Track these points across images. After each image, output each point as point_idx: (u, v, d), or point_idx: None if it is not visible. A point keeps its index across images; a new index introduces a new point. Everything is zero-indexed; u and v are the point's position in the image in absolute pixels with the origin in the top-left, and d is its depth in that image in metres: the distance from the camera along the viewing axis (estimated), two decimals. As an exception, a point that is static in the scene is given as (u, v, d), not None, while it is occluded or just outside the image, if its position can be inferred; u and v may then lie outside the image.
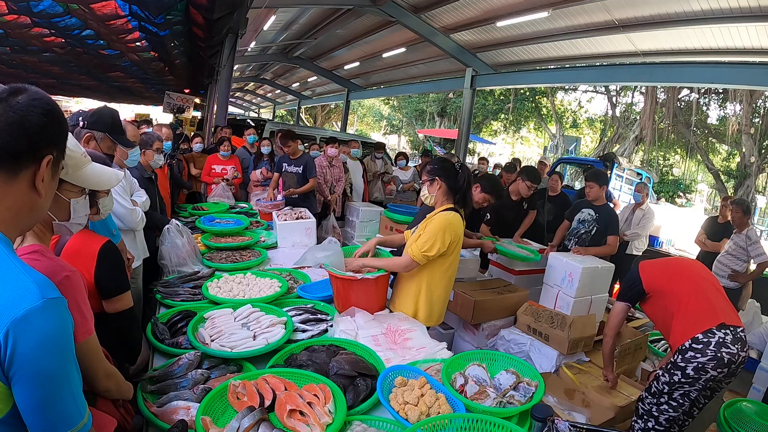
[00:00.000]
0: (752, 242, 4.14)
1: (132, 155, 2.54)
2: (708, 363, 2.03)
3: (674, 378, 2.11)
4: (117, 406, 1.23)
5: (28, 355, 0.67)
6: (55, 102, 0.82)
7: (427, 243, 2.09)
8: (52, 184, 0.84)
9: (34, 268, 0.74)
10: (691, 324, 2.13)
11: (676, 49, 7.66)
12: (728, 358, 2.03)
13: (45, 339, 0.68)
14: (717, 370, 2.03)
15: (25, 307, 0.67)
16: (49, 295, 0.70)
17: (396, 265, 2.21)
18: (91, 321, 1.11)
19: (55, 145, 0.81)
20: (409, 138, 28.48)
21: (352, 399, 1.41)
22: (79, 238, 1.43)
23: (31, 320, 0.67)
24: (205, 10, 3.94)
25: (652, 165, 17.62)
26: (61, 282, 1.03)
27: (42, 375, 0.69)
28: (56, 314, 0.71)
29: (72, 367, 0.75)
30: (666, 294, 2.30)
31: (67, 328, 0.73)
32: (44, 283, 0.72)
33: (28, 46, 5.33)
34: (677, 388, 2.12)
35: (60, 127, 0.81)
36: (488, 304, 3.07)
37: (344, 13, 10.23)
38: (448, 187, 2.25)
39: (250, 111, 34.95)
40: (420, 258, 2.11)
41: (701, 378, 2.06)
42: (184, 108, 9.87)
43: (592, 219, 3.69)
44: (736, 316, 2.20)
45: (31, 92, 0.78)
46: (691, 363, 2.06)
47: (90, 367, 1.10)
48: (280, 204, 4.02)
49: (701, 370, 2.04)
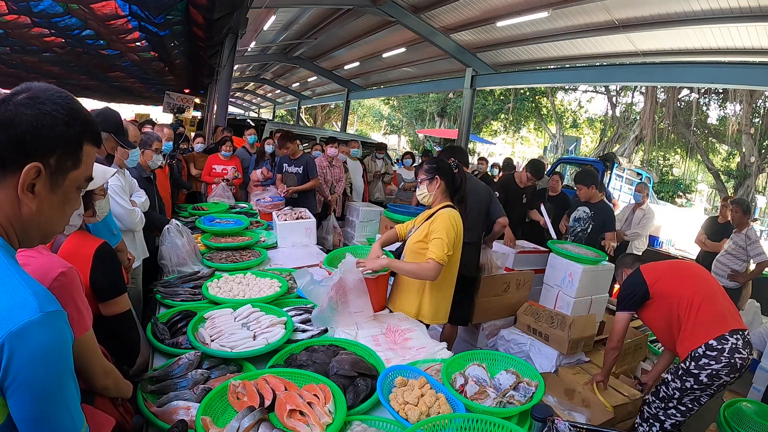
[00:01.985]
0: (752, 242, 4.14)
1: (132, 155, 2.55)
2: (722, 370, 2.03)
3: (686, 384, 2.10)
4: (116, 406, 1.23)
5: (23, 368, 0.65)
6: (68, 104, 0.74)
7: (445, 245, 2.08)
8: (51, 200, 0.75)
9: (34, 278, 0.72)
10: (703, 329, 2.11)
11: (676, 49, 7.66)
12: (740, 363, 2.04)
13: (41, 353, 0.66)
14: (730, 376, 2.04)
15: (21, 321, 0.65)
16: (47, 309, 0.68)
17: (423, 273, 2.11)
18: (88, 318, 1.10)
19: (49, 153, 0.72)
20: (409, 138, 28.47)
21: (352, 399, 1.41)
22: (75, 240, 1.42)
23: (27, 334, 0.65)
24: (205, 10, 3.94)
25: (652, 165, 17.61)
26: (57, 278, 1.03)
27: (37, 389, 0.67)
28: (54, 328, 0.69)
29: (69, 381, 0.73)
30: (674, 298, 2.23)
31: (65, 342, 0.71)
32: (43, 296, 0.69)
33: (28, 46, 5.33)
34: (688, 394, 2.11)
35: (57, 132, 0.72)
36: (488, 304, 3.07)
37: (344, 13, 10.23)
38: (446, 185, 2.26)
39: (250, 111, 34.95)
40: (445, 260, 2.08)
41: (714, 384, 2.06)
42: (184, 108, 9.87)
43: (587, 216, 3.77)
44: (741, 320, 2.20)
45: (33, 91, 0.73)
46: (705, 370, 2.05)
47: (87, 364, 1.09)
48: (280, 204, 4.02)
49: (715, 377, 2.04)
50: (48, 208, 0.75)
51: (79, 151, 0.76)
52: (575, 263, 3.11)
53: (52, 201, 0.76)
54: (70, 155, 0.75)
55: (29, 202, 0.73)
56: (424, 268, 2.10)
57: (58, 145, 0.73)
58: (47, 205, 0.75)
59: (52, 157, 0.73)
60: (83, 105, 0.79)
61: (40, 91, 0.73)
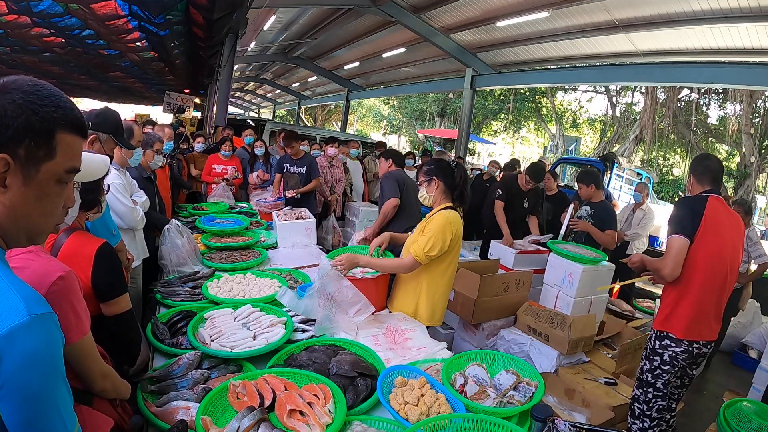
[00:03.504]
0: (753, 243, 4.14)
1: (136, 155, 2.58)
2: (681, 354, 2.22)
3: (654, 364, 2.28)
4: (114, 406, 1.23)
5: (12, 373, 0.64)
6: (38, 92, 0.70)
7: (429, 243, 2.09)
8: (25, 194, 0.71)
9: (23, 281, 0.70)
10: (683, 323, 2.20)
11: (676, 49, 7.66)
12: (696, 353, 2.23)
13: (30, 357, 0.65)
14: (687, 361, 2.24)
15: (9, 324, 0.64)
16: (35, 312, 0.66)
17: (399, 267, 2.20)
18: (86, 321, 1.10)
19: (16, 143, 0.68)
20: (409, 138, 28.48)
21: (352, 399, 1.41)
22: (76, 240, 1.42)
23: (15, 338, 0.64)
24: (205, 10, 3.94)
25: (652, 165, 17.62)
26: (56, 282, 1.02)
27: (27, 393, 0.66)
28: (43, 331, 0.67)
29: (60, 384, 0.71)
30: (696, 262, 2.16)
31: (54, 345, 0.70)
32: (32, 298, 0.68)
33: (28, 46, 5.33)
34: (658, 376, 2.27)
35: (23, 121, 0.67)
36: (488, 304, 3.08)
37: (344, 13, 10.23)
38: (445, 185, 2.25)
39: (250, 111, 34.95)
40: (423, 258, 2.11)
41: (676, 366, 2.25)
42: (184, 108, 9.86)
43: (587, 215, 3.85)
44: (717, 329, 2.27)
45: (4, 83, 0.69)
46: (667, 350, 2.24)
47: (85, 368, 1.09)
48: (280, 204, 4.02)
49: (674, 359, 2.23)
50: (22, 202, 0.71)
51: (51, 140, 0.71)
52: (575, 263, 3.11)
53: (27, 195, 0.71)
54: (41, 145, 0.70)
55: (1, 197, 0.69)
56: (398, 263, 2.19)
57: (25, 135, 0.68)
58: (21, 199, 0.71)
59: (20, 147, 0.68)
60: (63, 94, 0.74)
61: (10, 81, 0.69)
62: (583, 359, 2.98)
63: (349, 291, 1.97)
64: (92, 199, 1.52)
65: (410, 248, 2.17)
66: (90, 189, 1.48)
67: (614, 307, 4.12)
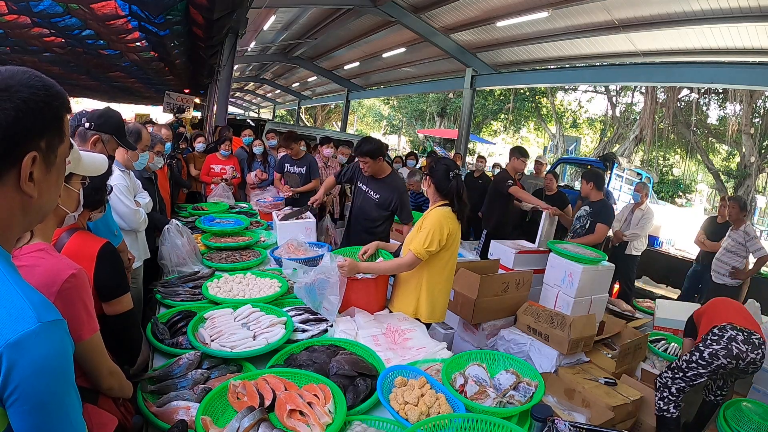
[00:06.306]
0: (750, 237, 4.16)
1: (142, 158, 2.60)
2: (720, 351, 2.40)
3: (693, 357, 2.51)
4: (117, 405, 1.23)
5: (22, 381, 0.64)
6: (42, 82, 0.71)
7: (428, 238, 2.13)
8: (48, 180, 0.74)
9: (31, 285, 0.70)
10: (715, 318, 2.59)
11: (675, 49, 7.66)
12: (737, 353, 2.37)
13: (41, 365, 0.65)
14: (727, 359, 2.38)
15: (19, 332, 0.63)
16: (45, 319, 0.66)
17: (399, 267, 2.24)
18: (96, 319, 1.11)
19: (39, 138, 0.70)
20: (409, 138, 28.48)
21: (352, 399, 1.41)
22: (78, 240, 1.42)
23: (25, 345, 0.64)
24: (205, 10, 3.94)
25: (652, 165, 17.61)
26: (68, 280, 1.03)
27: (37, 401, 0.65)
28: (53, 338, 0.67)
29: (70, 391, 0.71)
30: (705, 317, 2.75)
31: (64, 352, 0.69)
32: (41, 305, 0.67)
33: (28, 46, 5.33)
34: (693, 368, 2.49)
35: (42, 115, 0.70)
36: (488, 304, 3.07)
37: (344, 13, 10.23)
38: (436, 186, 2.31)
39: (250, 111, 34.95)
40: (423, 254, 2.14)
41: (713, 363, 2.41)
42: (184, 108, 9.86)
43: (586, 214, 3.93)
44: (753, 323, 2.55)
45: (2, 82, 0.68)
46: (708, 348, 2.46)
47: (94, 365, 1.10)
48: (280, 204, 4.02)
49: (714, 356, 2.41)
50: (46, 189, 0.74)
51: (63, 126, 0.75)
52: (575, 263, 3.11)
53: (50, 181, 0.75)
54: (57, 132, 0.74)
55: (31, 191, 0.71)
56: (399, 263, 2.22)
57: (45, 128, 0.71)
58: (45, 186, 0.74)
59: (42, 140, 0.71)
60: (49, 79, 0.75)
61: (9, 78, 0.69)
62: (583, 359, 2.97)
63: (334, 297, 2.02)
64: (99, 198, 1.52)
65: (409, 245, 2.20)
66: (97, 188, 1.48)
67: (614, 307, 4.12)
